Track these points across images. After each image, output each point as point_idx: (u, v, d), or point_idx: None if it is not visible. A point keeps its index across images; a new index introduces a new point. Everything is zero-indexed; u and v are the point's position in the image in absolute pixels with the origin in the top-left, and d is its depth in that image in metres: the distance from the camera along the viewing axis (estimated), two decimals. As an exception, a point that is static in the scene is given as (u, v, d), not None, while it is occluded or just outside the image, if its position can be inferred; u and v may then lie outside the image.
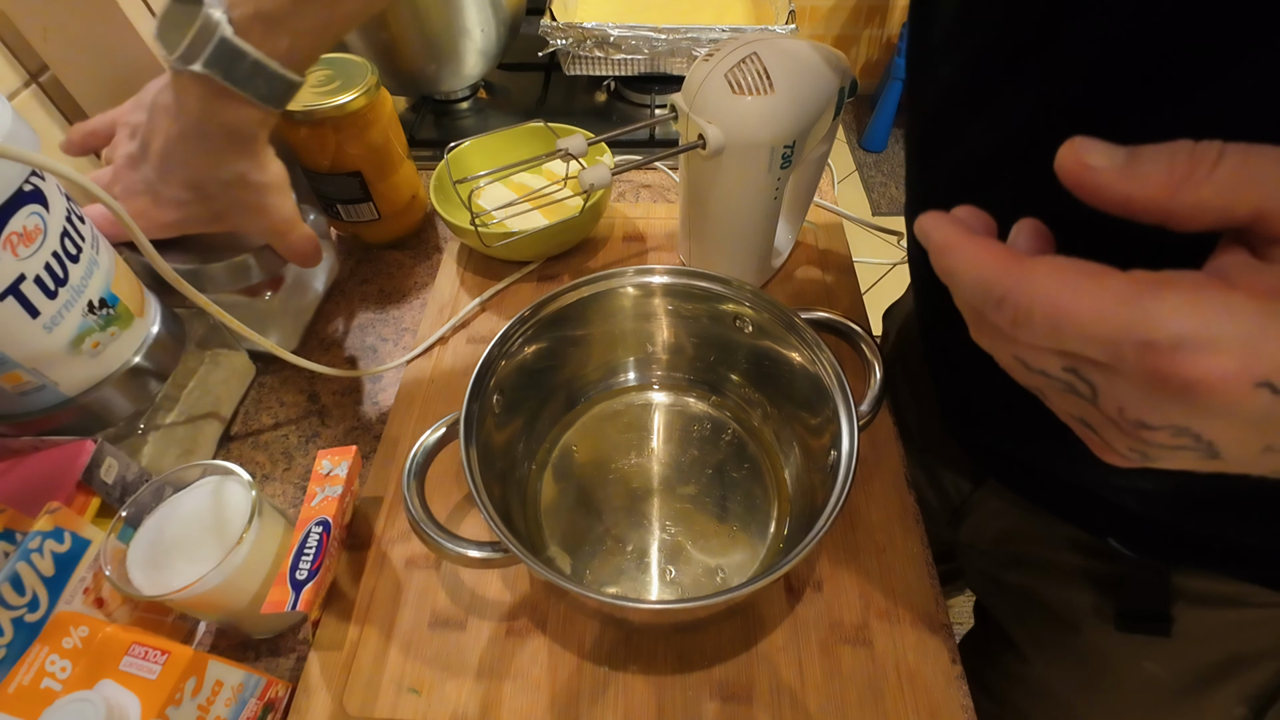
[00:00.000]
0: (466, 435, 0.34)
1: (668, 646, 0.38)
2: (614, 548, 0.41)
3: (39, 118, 0.48)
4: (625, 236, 0.60)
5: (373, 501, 0.44)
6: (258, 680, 0.33)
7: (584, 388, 0.47)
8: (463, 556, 0.32)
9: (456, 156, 0.58)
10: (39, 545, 0.31)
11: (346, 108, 0.49)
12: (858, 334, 0.40)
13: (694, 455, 0.45)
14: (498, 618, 0.39)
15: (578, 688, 0.36)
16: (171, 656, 0.28)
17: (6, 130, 0.31)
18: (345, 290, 0.58)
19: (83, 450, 0.36)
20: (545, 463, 0.44)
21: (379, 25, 0.62)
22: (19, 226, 0.32)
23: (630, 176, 0.67)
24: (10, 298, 0.32)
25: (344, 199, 0.55)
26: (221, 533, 0.35)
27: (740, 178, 0.44)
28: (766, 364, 0.43)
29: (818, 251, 0.59)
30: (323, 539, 0.36)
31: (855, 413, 0.35)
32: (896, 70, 1.94)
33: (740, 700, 0.36)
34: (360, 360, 0.53)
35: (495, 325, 0.54)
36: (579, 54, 0.70)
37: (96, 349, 0.37)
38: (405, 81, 0.70)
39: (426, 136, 0.73)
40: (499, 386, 0.39)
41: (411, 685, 0.36)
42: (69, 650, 0.28)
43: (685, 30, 0.68)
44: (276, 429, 0.49)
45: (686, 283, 0.42)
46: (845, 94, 0.44)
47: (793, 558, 0.30)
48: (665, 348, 0.47)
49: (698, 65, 0.41)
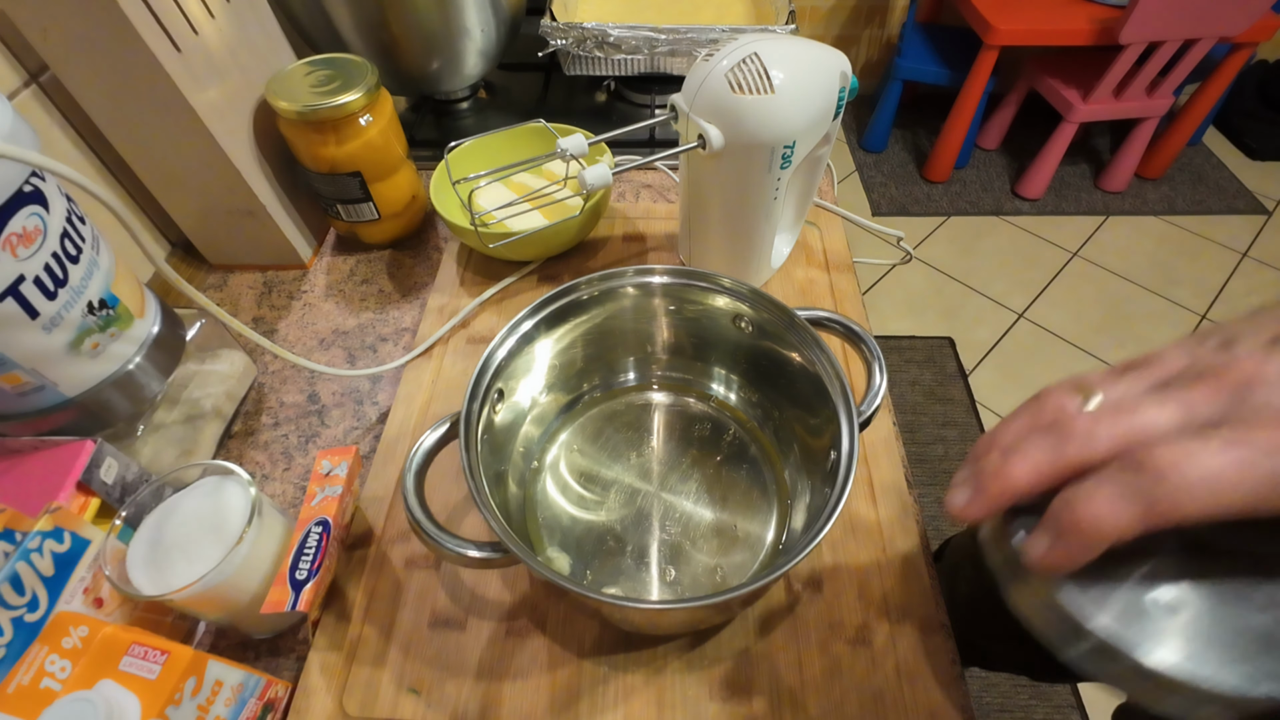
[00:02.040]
0: (466, 435, 0.34)
1: (668, 647, 0.38)
2: (614, 548, 0.41)
3: (39, 118, 0.48)
4: (625, 236, 0.60)
5: (373, 501, 0.44)
6: (257, 680, 0.33)
7: (584, 388, 0.47)
8: (462, 556, 0.32)
9: (456, 156, 0.58)
10: (39, 545, 0.31)
11: (346, 108, 0.49)
12: (857, 334, 0.39)
13: (694, 455, 0.45)
14: (498, 618, 0.39)
15: (578, 688, 0.36)
16: (171, 656, 0.28)
17: (7, 130, 0.31)
18: (345, 290, 0.58)
19: (82, 450, 0.36)
20: (545, 463, 0.44)
21: (379, 25, 0.62)
22: (19, 227, 0.32)
23: (630, 176, 0.67)
24: (10, 298, 0.32)
25: (344, 199, 0.55)
26: (221, 533, 0.35)
27: (740, 178, 0.44)
28: (766, 364, 0.43)
29: (818, 251, 0.59)
30: (322, 539, 0.36)
31: (855, 413, 0.35)
32: (896, 70, 1.94)
33: (740, 700, 0.36)
34: (360, 360, 0.53)
35: (495, 325, 0.54)
36: (579, 54, 0.70)
37: (96, 349, 0.37)
38: (405, 81, 0.70)
39: (426, 136, 0.73)
40: (499, 386, 0.39)
41: (411, 685, 0.36)
42: (69, 650, 0.28)
43: (685, 30, 0.68)
44: (276, 429, 0.49)
45: (686, 283, 0.42)
46: (845, 94, 0.44)
47: (793, 558, 0.30)
48: (665, 348, 0.47)
49: (698, 65, 0.41)
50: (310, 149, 0.52)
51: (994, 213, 1.96)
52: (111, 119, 0.47)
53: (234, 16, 0.51)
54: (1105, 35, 1.57)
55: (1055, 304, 1.70)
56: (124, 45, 0.42)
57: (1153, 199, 1.97)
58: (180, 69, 0.45)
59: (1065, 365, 1.56)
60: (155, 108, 0.46)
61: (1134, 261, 1.80)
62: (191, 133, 0.47)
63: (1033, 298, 1.72)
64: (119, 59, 0.43)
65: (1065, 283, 1.75)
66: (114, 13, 0.40)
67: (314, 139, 0.51)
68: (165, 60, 0.44)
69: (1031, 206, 1.97)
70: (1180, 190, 2.00)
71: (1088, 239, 1.86)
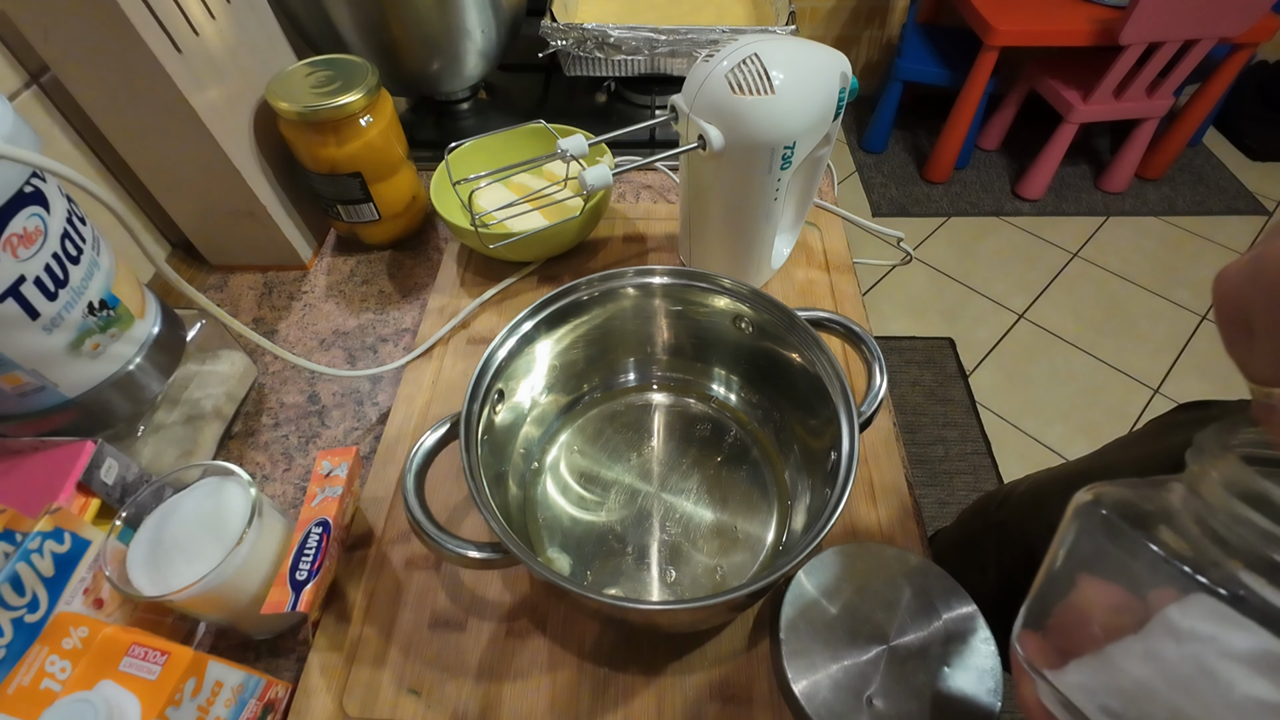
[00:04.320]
0: (466, 436, 0.34)
1: (668, 647, 0.38)
2: (614, 548, 0.41)
3: (40, 118, 0.48)
4: (626, 237, 0.60)
5: (373, 502, 0.44)
6: (258, 681, 0.33)
7: (584, 388, 0.47)
8: (462, 557, 0.32)
9: (457, 157, 0.58)
10: (39, 546, 0.31)
11: (347, 108, 0.49)
12: (858, 334, 0.39)
13: (694, 456, 0.44)
14: (498, 618, 0.39)
15: (578, 689, 0.36)
16: (171, 657, 0.28)
17: (7, 131, 0.31)
18: (345, 291, 0.58)
19: (83, 451, 0.36)
20: (545, 463, 0.44)
21: (380, 26, 0.62)
22: (19, 228, 0.32)
23: (631, 177, 0.67)
24: (10, 299, 0.32)
25: (344, 199, 0.55)
26: (221, 533, 0.35)
27: (740, 178, 0.44)
28: (767, 364, 0.43)
29: (818, 252, 0.59)
30: (323, 539, 0.36)
31: (855, 413, 0.35)
32: (897, 71, 1.94)
33: (740, 701, 0.36)
34: (360, 360, 0.54)
35: (495, 326, 0.54)
36: (579, 55, 0.70)
37: (97, 350, 0.37)
38: (406, 82, 0.70)
39: (427, 137, 0.73)
40: (499, 387, 0.39)
41: (411, 686, 0.36)
42: (69, 651, 0.28)
43: (685, 31, 0.68)
44: (276, 429, 0.49)
45: (687, 283, 0.42)
46: (845, 95, 0.44)
47: (793, 559, 0.30)
48: (665, 348, 0.47)
49: (698, 66, 0.41)
50: (310, 150, 0.52)
51: (994, 213, 1.96)
52: (112, 120, 0.47)
53: (234, 17, 0.51)
54: (1105, 36, 1.57)
55: (1055, 304, 1.70)
56: (125, 46, 0.42)
57: (1153, 200, 1.97)
58: (181, 70, 0.45)
59: (1065, 366, 1.56)
60: (156, 109, 0.46)
61: (1134, 262, 1.80)
62: (192, 133, 0.48)
63: (1033, 298, 1.72)
64: (120, 60, 0.43)
65: (1065, 283, 1.75)
66: (115, 14, 0.40)
67: (314, 140, 0.51)
68: (166, 61, 0.44)
69: (1032, 207, 1.97)
70: (1180, 191, 2.00)
71: (1088, 240, 1.86)
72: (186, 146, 0.49)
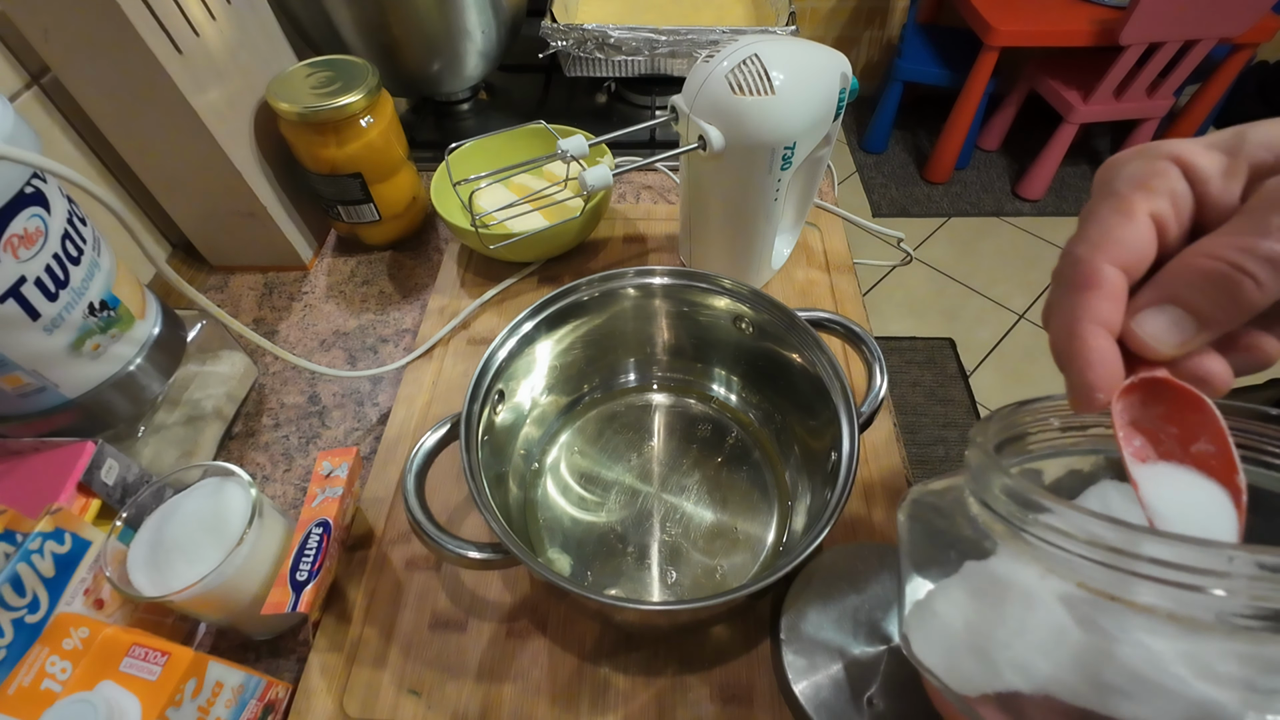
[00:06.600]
0: (467, 436, 0.34)
1: (668, 648, 0.38)
2: (614, 549, 0.41)
3: (40, 119, 0.48)
4: (626, 237, 0.61)
5: (373, 502, 0.44)
6: (258, 681, 0.33)
7: (584, 389, 0.47)
8: (463, 558, 0.32)
9: (457, 158, 0.58)
10: (39, 546, 0.31)
11: (347, 109, 0.49)
12: (858, 335, 0.39)
13: (694, 456, 0.44)
14: (498, 619, 0.39)
15: (578, 689, 0.36)
16: (172, 658, 0.28)
17: (8, 132, 0.31)
18: (345, 291, 0.58)
19: (83, 451, 0.36)
20: (545, 464, 0.44)
21: (380, 27, 0.62)
22: (20, 229, 0.32)
23: (631, 177, 0.67)
24: (11, 300, 0.32)
25: (344, 200, 0.55)
26: (222, 534, 0.35)
27: (741, 179, 0.44)
28: (767, 365, 0.43)
29: (818, 252, 0.59)
30: (323, 540, 0.36)
31: (856, 414, 0.35)
32: (897, 71, 1.94)
33: (740, 702, 0.36)
34: (360, 361, 0.54)
35: (495, 326, 0.54)
36: (579, 55, 0.70)
37: (97, 351, 0.37)
38: (406, 83, 0.70)
39: (427, 138, 0.73)
40: (499, 388, 0.39)
41: (412, 687, 0.36)
42: (69, 651, 0.28)
43: (685, 32, 0.68)
44: (277, 430, 0.49)
45: (687, 284, 0.42)
46: (845, 95, 0.44)
47: (793, 559, 0.30)
48: (665, 348, 0.47)
49: (698, 67, 0.41)
50: (311, 150, 0.52)
51: (994, 214, 1.96)
52: (112, 120, 0.47)
53: (235, 18, 0.51)
54: (1106, 36, 1.57)
55: (1056, 305, 1.70)
56: (125, 47, 0.42)
57: (1153, 200, 1.97)
58: (181, 70, 0.45)
59: (1066, 366, 1.56)
60: (156, 109, 0.46)
61: (1134, 262, 1.80)
62: (192, 134, 0.48)
63: (1033, 299, 1.72)
64: (120, 61, 0.43)
65: (1066, 284, 1.75)
66: (115, 14, 0.40)
67: (315, 140, 0.51)
68: (166, 62, 0.44)
69: (1032, 207, 1.97)
70: (1181, 191, 2.00)
71: (1088, 240, 1.86)
72: (187, 147, 0.49)
